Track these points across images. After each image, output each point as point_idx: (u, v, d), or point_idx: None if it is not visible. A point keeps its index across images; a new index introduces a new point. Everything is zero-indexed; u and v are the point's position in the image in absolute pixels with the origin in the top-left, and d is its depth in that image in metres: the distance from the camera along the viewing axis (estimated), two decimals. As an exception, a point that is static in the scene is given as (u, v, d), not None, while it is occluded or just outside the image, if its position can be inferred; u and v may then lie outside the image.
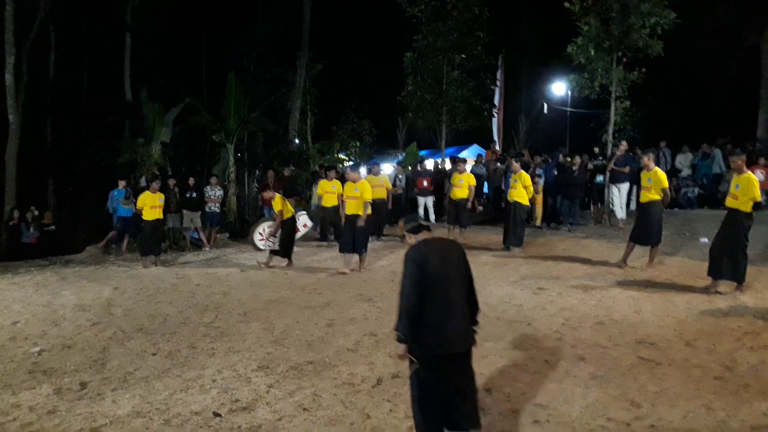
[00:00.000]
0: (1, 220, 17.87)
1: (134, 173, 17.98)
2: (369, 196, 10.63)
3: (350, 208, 10.57)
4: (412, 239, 4.13)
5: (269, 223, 11.79)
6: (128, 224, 14.01)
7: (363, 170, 14.96)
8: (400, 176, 17.45)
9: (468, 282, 4.05)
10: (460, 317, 3.89)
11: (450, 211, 13.66)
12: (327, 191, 12.95)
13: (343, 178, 12.29)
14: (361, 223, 10.39)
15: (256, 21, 24.00)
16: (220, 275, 10.75)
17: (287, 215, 11.39)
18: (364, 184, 10.70)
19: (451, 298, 3.86)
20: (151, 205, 11.81)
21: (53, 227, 17.17)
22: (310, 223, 13.90)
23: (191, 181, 15.35)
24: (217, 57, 24.27)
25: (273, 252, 11.51)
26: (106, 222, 15.05)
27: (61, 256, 13.83)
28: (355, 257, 10.63)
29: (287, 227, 11.48)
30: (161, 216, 12.23)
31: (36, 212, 17.30)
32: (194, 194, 14.87)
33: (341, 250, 10.65)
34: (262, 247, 12.12)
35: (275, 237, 11.64)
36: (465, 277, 4.02)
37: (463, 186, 13.13)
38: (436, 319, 3.79)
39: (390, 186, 14.47)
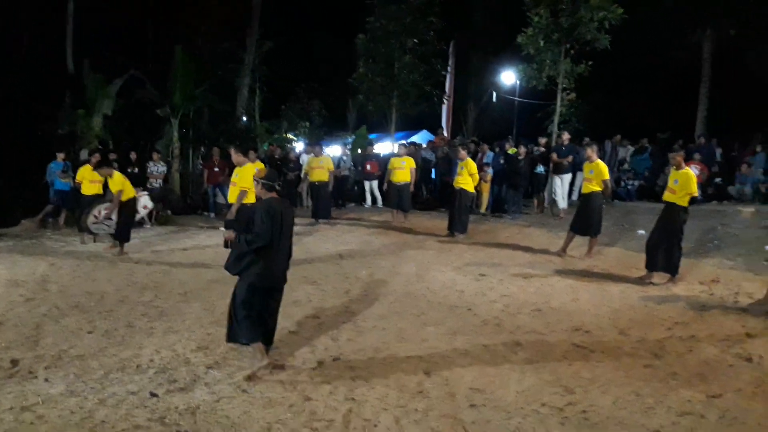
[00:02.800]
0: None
1: (74, 146, 17.38)
2: (246, 185, 8.51)
3: (232, 197, 9.12)
4: (264, 194, 5.25)
5: (106, 204, 10.84)
6: (66, 198, 13.51)
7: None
8: (345, 157, 17.26)
9: (291, 236, 5.39)
10: (286, 261, 5.31)
11: (392, 195, 13.58)
12: None
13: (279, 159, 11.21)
14: (230, 216, 8.72)
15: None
16: (161, 253, 10.55)
17: (126, 196, 10.32)
18: (244, 170, 8.78)
19: (285, 246, 5.23)
20: (90, 179, 11.42)
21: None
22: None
23: (133, 155, 14.97)
24: (165, 30, 23.59)
25: (112, 236, 10.64)
26: (44, 195, 14.53)
27: (-7, 229, 13.32)
28: None
29: (127, 210, 10.41)
30: (101, 191, 11.79)
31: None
32: (136, 170, 14.51)
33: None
34: (94, 231, 11.11)
35: (111, 219, 10.48)
36: (291, 232, 5.36)
37: (405, 168, 13.14)
38: (275, 260, 5.13)
39: (332, 167, 13.82)
